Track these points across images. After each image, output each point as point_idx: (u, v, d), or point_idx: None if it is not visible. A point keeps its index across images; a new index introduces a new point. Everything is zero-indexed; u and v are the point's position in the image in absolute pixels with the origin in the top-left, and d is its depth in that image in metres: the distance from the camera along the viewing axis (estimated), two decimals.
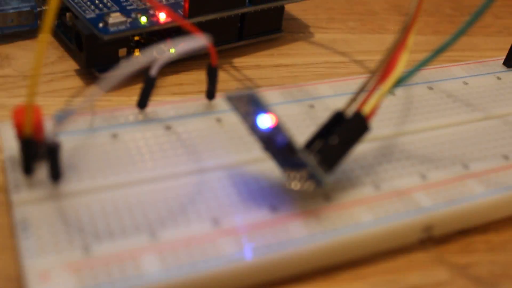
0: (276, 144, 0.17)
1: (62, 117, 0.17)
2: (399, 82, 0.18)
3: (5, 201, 0.18)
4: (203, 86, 0.22)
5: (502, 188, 0.20)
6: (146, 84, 0.20)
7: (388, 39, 0.29)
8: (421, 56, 0.18)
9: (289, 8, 0.30)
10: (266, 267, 0.16)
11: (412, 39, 0.19)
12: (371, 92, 0.18)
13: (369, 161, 0.20)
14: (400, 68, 0.18)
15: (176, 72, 0.25)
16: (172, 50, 0.19)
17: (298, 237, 0.17)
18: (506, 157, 0.21)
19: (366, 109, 0.18)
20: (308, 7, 0.31)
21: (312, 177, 0.17)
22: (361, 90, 0.18)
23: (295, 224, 0.17)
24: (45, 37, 0.16)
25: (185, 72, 0.25)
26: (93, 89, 0.16)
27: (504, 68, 0.26)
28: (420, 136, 0.21)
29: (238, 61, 0.26)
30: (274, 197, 0.18)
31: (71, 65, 0.24)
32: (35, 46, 0.25)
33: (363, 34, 0.30)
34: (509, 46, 0.26)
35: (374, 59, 0.28)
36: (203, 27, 0.24)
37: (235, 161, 0.19)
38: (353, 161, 0.20)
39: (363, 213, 0.18)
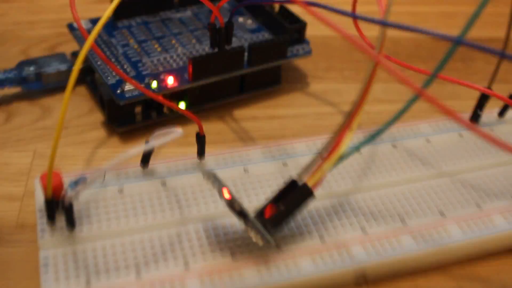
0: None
1: (75, 185, 0.22)
2: (342, 159, 0.23)
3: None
4: (212, 137, 0.28)
5: (430, 243, 0.24)
6: (146, 152, 0.25)
7: (376, 88, 0.33)
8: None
9: None
10: None
11: (357, 123, 0.23)
12: (318, 167, 0.23)
13: (322, 216, 0.24)
14: (343, 147, 0.23)
15: (184, 123, 0.30)
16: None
17: (249, 281, 0.22)
18: (442, 214, 0.25)
19: (312, 182, 0.22)
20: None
21: (261, 235, 0.22)
22: (311, 164, 0.23)
23: (249, 270, 0.22)
24: (65, 105, 0.22)
25: (192, 124, 0.30)
26: (101, 169, 0.21)
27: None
28: (372, 193, 0.26)
29: (238, 113, 0.31)
30: (236, 247, 0.23)
31: (98, 117, 0.30)
32: (71, 98, 0.31)
33: (354, 84, 0.34)
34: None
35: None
36: (206, 87, 0.30)
37: (212, 215, 0.24)
38: (308, 216, 0.24)
39: (305, 261, 0.23)
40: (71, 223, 0.23)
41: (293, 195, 0.22)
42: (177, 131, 0.23)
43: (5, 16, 0.37)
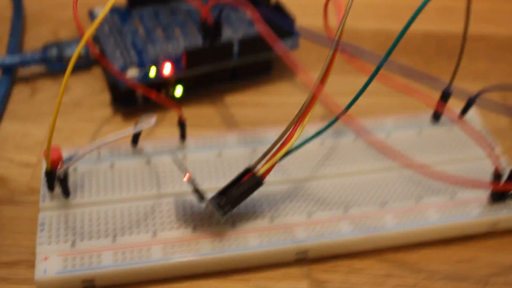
0: None
1: (69, 160, 0.27)
2: (290, 152, 0.27)
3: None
4: (202, 120, 0.33)
5: (366, 229, 0.27)
6: (135, 134, 0.30)
7: (359, 82, 0.36)
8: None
9: None
10: (179, 268, 0.26)
11: (307, 120, 0.27)
12: (270, 158, 0.27)
13: (276, 199, 0.29)
14: (292, 142, 0.27)
15: (180, 106, 0.34)
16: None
17: (204, 251, 0.26)
18: (382, 205, 0.28)
19: (263, 170, 0.27)
20: (302, 45, 0.38)
21: (214, 213, 0.26)
22: (265, 154, 0.27)
23: (204, 242, 0.27)
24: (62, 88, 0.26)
25: (186, 107, 0.34)
26: (90, 146, 0.26)
27: (431, 122, 0.33)
28: (324, 182, 0.29)
29: (228, 98, 0.35)
30: (197, 221, 0.27)
31: (107, 97, 0.35)
32: (87, 78, 0.36)
33: (341, 76, 0.37)
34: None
35: (336, 101, 0.35)
36: (200, 75, 0.34)
37: (183, 192, 0.29)
38: (264, 198, 0.28)
39: (253, 238, 0.27)
40: (65, 191, 0.28)
41: (245, 182, 0.27)
42: (151, 120, 0.27)
43: None
